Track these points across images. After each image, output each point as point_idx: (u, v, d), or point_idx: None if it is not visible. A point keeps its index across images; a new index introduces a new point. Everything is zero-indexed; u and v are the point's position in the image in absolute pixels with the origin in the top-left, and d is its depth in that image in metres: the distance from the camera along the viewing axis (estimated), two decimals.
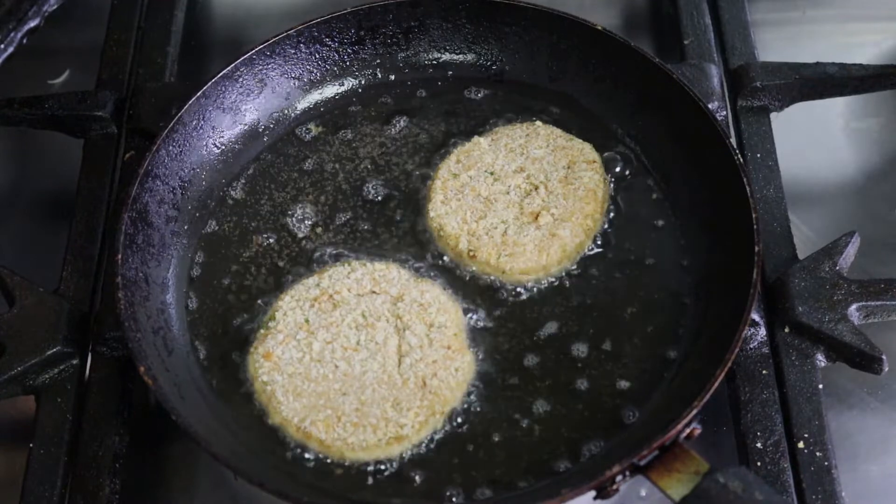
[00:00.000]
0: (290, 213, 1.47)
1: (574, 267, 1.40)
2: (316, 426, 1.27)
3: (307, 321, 1.34)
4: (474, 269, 1.40)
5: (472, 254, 1.40)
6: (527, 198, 1.44)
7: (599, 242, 1.42)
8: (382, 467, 1.26)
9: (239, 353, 1.35)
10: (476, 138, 1.50)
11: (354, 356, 1.31)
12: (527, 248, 1.40)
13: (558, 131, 1.50)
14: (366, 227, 1.45)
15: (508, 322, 1.37)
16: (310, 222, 1.46)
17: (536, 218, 1.42)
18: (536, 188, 1.45)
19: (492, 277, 1.40)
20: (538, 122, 1.52)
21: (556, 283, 1.40)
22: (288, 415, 1.28)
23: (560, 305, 1.38)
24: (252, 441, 1.28)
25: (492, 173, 1.46)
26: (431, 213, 1.44)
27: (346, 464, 1.27)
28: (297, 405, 1.28)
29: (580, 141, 1.49)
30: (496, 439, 1.28)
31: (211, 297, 1.40)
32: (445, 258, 1.42)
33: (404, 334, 1.33)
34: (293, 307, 1.35)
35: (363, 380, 1.30)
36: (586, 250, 1.41)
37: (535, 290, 1.39)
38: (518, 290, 1.39)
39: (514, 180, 1.46)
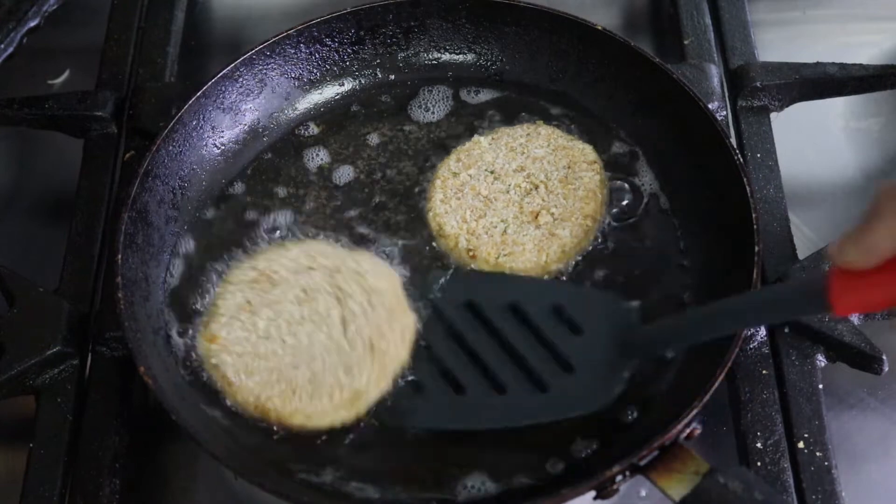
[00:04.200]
0: (290, 212, 1.47)
1: (573, 267, 1.40)
2: (272, 401, 1.28)
3: (248, 302, 1.34)
4: (474, 268, 1.40)
5: (471, 253, 1.40)
6: (527, 197, 1.44)
7: (599, 242, 1.42)
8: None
9: None
10: (476, 137, 1.50)
11: (300, 329, 1.32)
12: (526, 248, 1.39)
13: (559, 131, 1.50)
14: (365, 226, 1.45)
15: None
16: (310, 222, 1.46)
17: (536, 217, 1.42)
18: (536, 187, 1.45)
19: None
20: (539, 122, 1.52)
21: None
22: (243, 394, 1.29)
23: None
24: (247, 439, 1.28)
25: (492, 172, 1.46)
26: (431, 212, 1.44)
27: (322, 439, 1.27)
28: (251, 383, 1.29)
29: (581, 142, 1.49)
30: (496, 439, 1.28)
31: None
32: (445, 257, 1.42)
33: (346, 302, 1.33)
34: (232, 291, 1.36)
35: (312, 351, 1.30)
36: (586, 250, 1.41)
37: None
38: None
39: (514, 179, 1.46)
